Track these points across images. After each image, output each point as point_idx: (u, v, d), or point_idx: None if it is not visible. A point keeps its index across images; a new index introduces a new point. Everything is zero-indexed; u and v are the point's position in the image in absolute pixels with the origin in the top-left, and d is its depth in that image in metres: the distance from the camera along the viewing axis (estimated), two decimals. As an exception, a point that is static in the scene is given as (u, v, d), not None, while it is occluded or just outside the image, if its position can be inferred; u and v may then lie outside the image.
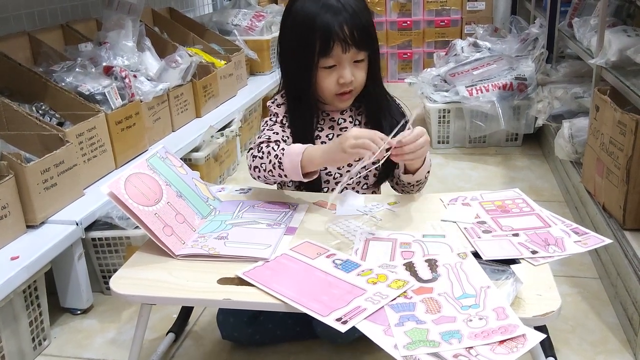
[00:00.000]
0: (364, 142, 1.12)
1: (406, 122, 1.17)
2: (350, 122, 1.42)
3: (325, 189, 1.41)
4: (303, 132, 1.37)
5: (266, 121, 1.39)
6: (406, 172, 1.31)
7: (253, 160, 1.29)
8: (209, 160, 2.34)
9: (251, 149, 1.32)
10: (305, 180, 1.25)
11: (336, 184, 1.37)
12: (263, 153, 1.27)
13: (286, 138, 1.36)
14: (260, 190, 1.40)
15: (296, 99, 1.37)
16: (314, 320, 0.91)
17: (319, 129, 1.41)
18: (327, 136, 1.40)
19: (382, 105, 1.40)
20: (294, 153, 1.22)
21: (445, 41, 3.92)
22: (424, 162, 1.29)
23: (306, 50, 1.28)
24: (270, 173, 1.26)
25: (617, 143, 1.59)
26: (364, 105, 1.42)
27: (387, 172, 1.43)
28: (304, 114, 1.37)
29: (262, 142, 1.30)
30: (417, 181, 1.33)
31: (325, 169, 1.39)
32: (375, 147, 1.11)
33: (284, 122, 1.38)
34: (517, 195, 1.30)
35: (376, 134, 1.14)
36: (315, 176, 1.26)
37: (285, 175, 1.25)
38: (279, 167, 1.24)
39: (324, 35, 1.26)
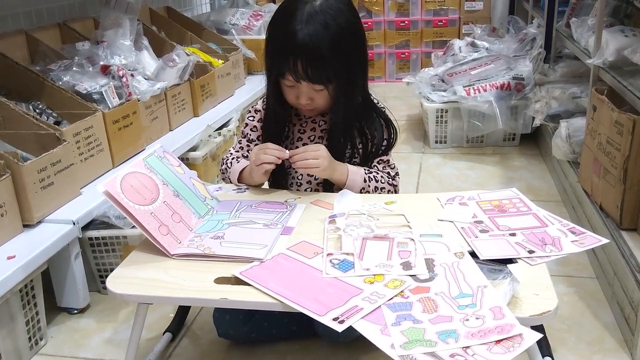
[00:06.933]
0: (259, 156, 1.29)
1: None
2: None
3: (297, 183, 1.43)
4: (275, 133, 1.40)
5: (239, 135, 1.49)
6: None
7: (220, 174, 1.50)
8: (207, 159, 2.33)
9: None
10: (255, 185, 1.40)
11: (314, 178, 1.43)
12: (224, 170, 1.47)
13: (247, 154, 1.46)
14: (257, 189, 1.40)
15: (274, 102, 1.38)
16: (315, 320, 0.91)
17: (301, 131, 1.42)
18: (309, 138, 1.41)
19: (351, 130, 1.37)
20: (235, 172, 1.42)
21: (443, 41, 3.92)
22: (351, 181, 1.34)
23: (269, 66, 1.32)
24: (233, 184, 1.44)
25: (614, 143, 1.59)
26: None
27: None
28: (277, 118, 1.39)
29: (224, 160, 1.48)
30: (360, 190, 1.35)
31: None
32: (270, 158, 1.29)
33: (251, 137, 1.46)
34: (514, 194, 1.30)
35: (267, 146, 1.30)
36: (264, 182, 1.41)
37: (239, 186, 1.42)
38: (232, 181, 1.43)
39: (278, 62, 1.27)
